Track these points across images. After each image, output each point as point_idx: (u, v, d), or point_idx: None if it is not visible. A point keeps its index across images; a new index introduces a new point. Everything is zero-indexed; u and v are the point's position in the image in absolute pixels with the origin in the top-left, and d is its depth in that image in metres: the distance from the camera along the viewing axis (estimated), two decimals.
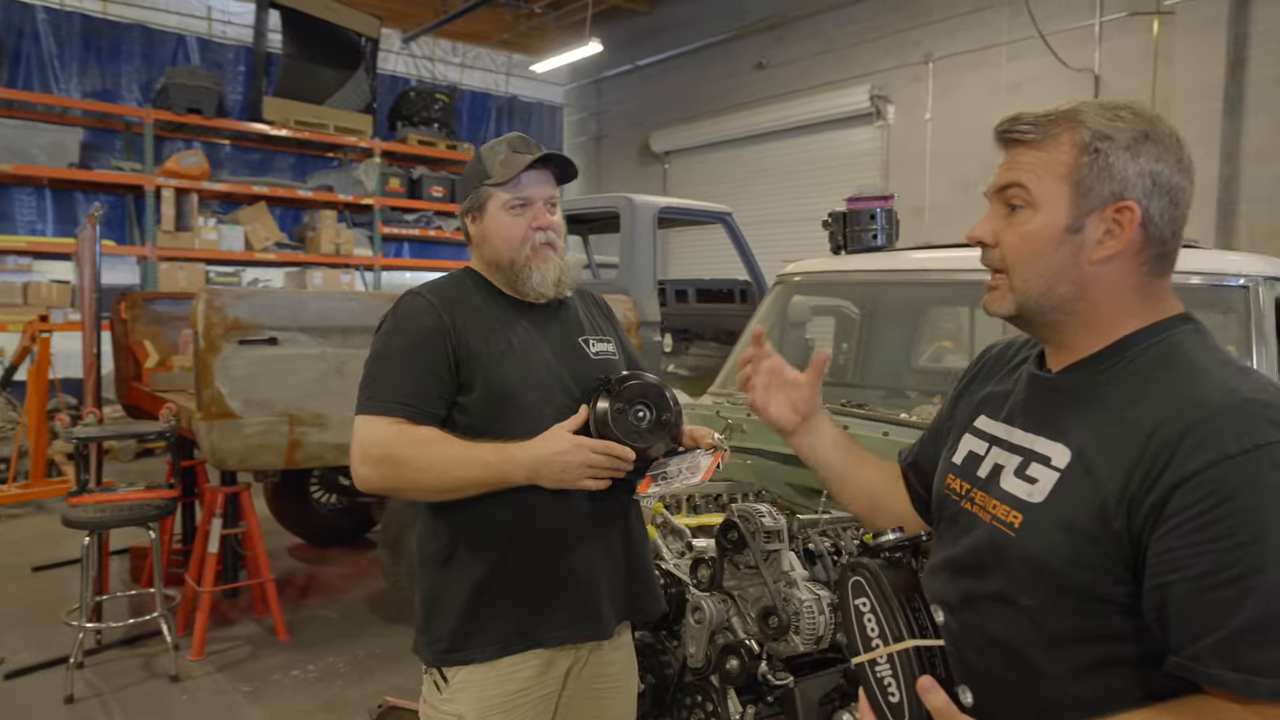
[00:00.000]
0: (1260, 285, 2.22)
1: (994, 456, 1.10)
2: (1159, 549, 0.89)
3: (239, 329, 3.41)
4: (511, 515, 1.58)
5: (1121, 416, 0.96)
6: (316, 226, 9.21)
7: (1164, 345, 1.00)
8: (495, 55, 11.46)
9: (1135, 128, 0.99)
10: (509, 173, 1.63)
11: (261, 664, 3.68)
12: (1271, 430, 0.87)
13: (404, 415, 1.54)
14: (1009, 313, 1.07)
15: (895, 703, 0.93)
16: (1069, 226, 1.01)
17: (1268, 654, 0.82)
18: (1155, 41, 6.70)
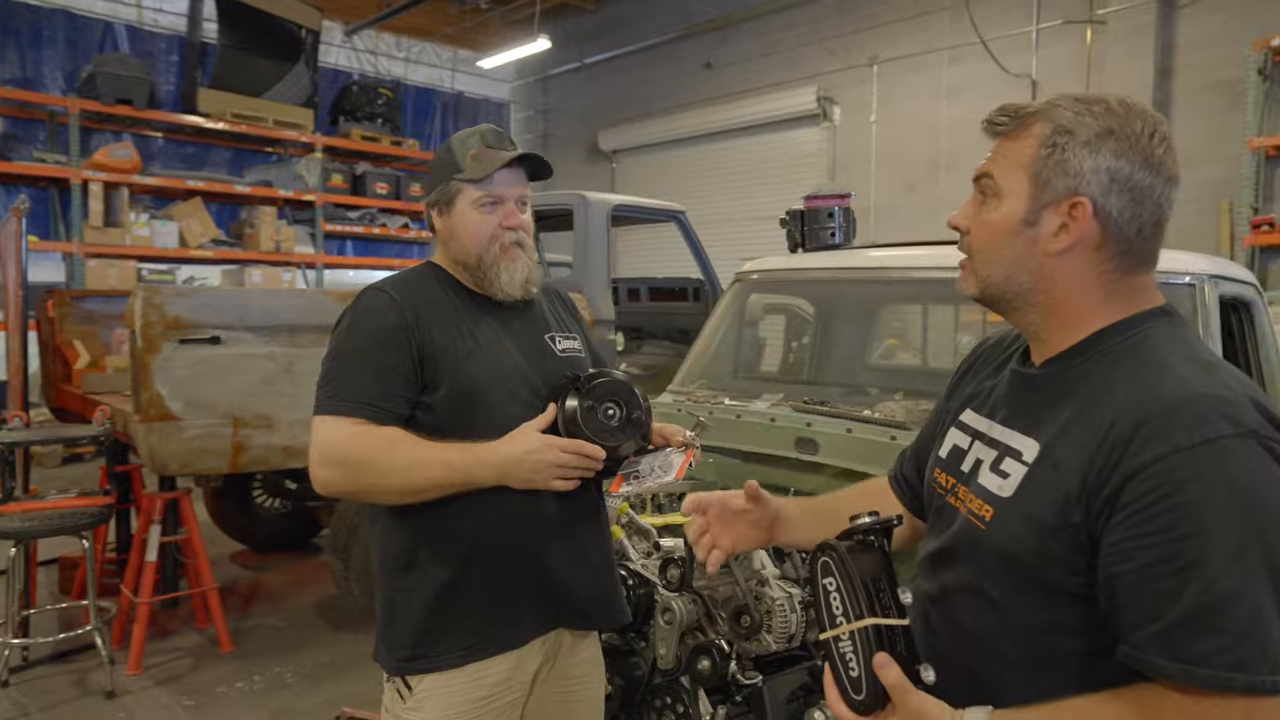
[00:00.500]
0: (1206, 284, 2.29)
1: (976, 451, 1.12)
2: (1110, 540, 0.90)
3: (179, 328, 3.27)
4: (477, 517, 1.53)
5: (1088, 412, 0.97)
6: (255, 223, 8.92)
7: (1136, 340, 1.01)
8: (440, 50, 11.28)
9: (1101, 123, 0.99)
10: (483, 170, 1.58)
11: (204, 676, 3.54)
12: (1223, 424, 0.87)
13: (366, 416, 1.48)
14: (973, 294, 1.10)
15: (855, 677, 0.96)
16: (1025, 219, 1.02)
17: (1205, 644, 0.84)
18: (1089, 49, 6.92)
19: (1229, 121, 6.16)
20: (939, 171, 7.80)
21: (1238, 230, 5.99)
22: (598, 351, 1.85)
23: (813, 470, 2.44)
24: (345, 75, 10.52)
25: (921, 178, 7.91)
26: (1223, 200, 6.18)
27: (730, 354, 3.39)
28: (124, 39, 9.11)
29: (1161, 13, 6.46)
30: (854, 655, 0.96)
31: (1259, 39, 5.79)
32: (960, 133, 7.67)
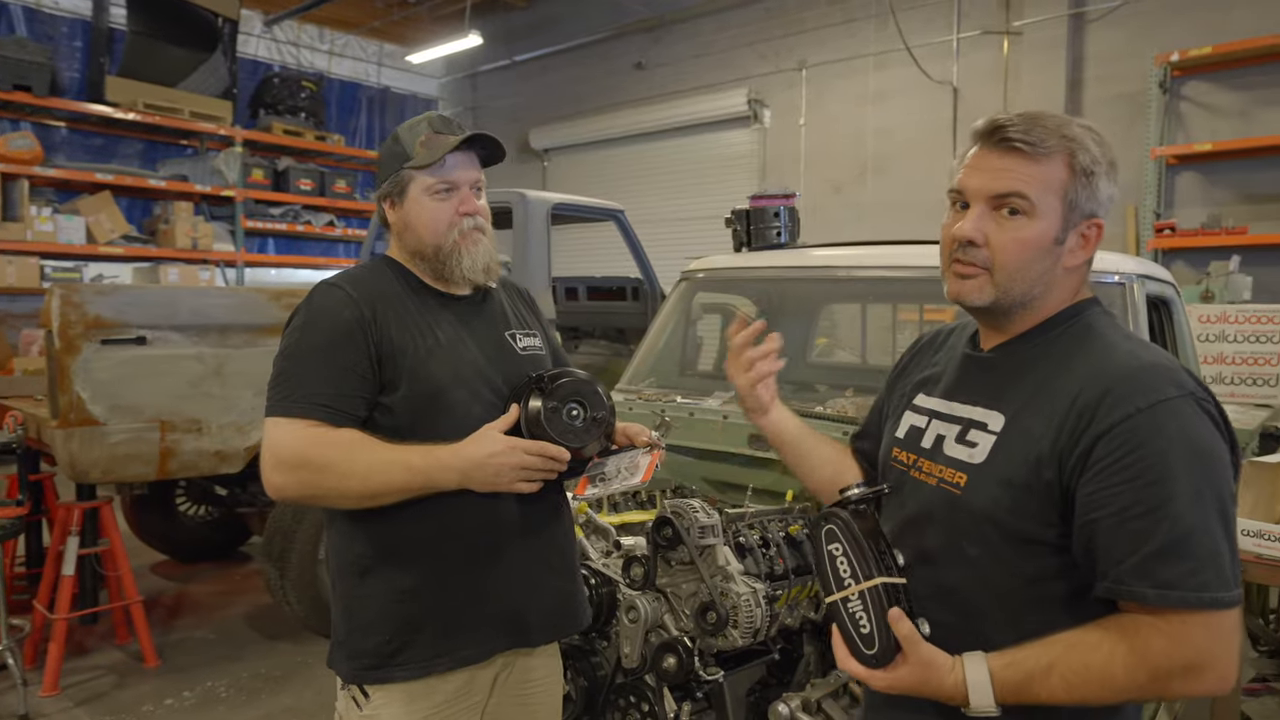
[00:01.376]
0: (1135, 283, 2.42)
1: (935, 428, 1.24)
2: (1085, 492, 1.04)
3: (101, 327, 3.11)
4: (438, 522, 1.49)
5: (1049, 385, 1.12)
6: (170, 219, 8.54)
7: (1081, 324, 1.16)
8: (366, 44, 10.99)
9: (1109, 155, 1.14)
10: (433, 155, 1.53)
11: (129, 694, 3.37)
12: (1171, 388, 1.05)
13: (322, 417, 1.42)
14: (987, 303, 1.16)
15: (866, 633, 1.05)
16: (1056, 238, 1.13)
17: (1177, 570, 0.99)
18: (1006, 59, 7.21)
19: (1133, 131, 6.50)
20: (866, 174, 8.01)
21: (1142, 234, 6.33)
22: (558, 349, 1.83)
23: (765, 466, 2.47)
24: (266, 67, 10.15)
25: (849, 180, 8.11)
26: (1129, 205, 6.53)
27: (677, 352, 3.41)
28: (21, 21, 8.58)
29: (1072, 26, 6.77)
30: (864, 613, 1.05)
31: (1160, 54, 6.13)
32: (887, 137, 7.89)
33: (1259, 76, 6.03)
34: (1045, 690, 1.02)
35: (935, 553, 1.16)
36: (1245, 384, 3.94)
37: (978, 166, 1.15)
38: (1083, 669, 1.01)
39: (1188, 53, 5.98)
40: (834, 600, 1.09)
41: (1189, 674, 1.00)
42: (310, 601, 3.65)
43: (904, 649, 1.03)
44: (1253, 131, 5.99)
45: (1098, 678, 1.01)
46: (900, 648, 1.03)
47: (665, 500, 2.05)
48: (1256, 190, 6.11)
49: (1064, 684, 1.02)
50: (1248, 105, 6.11)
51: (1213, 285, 5.37)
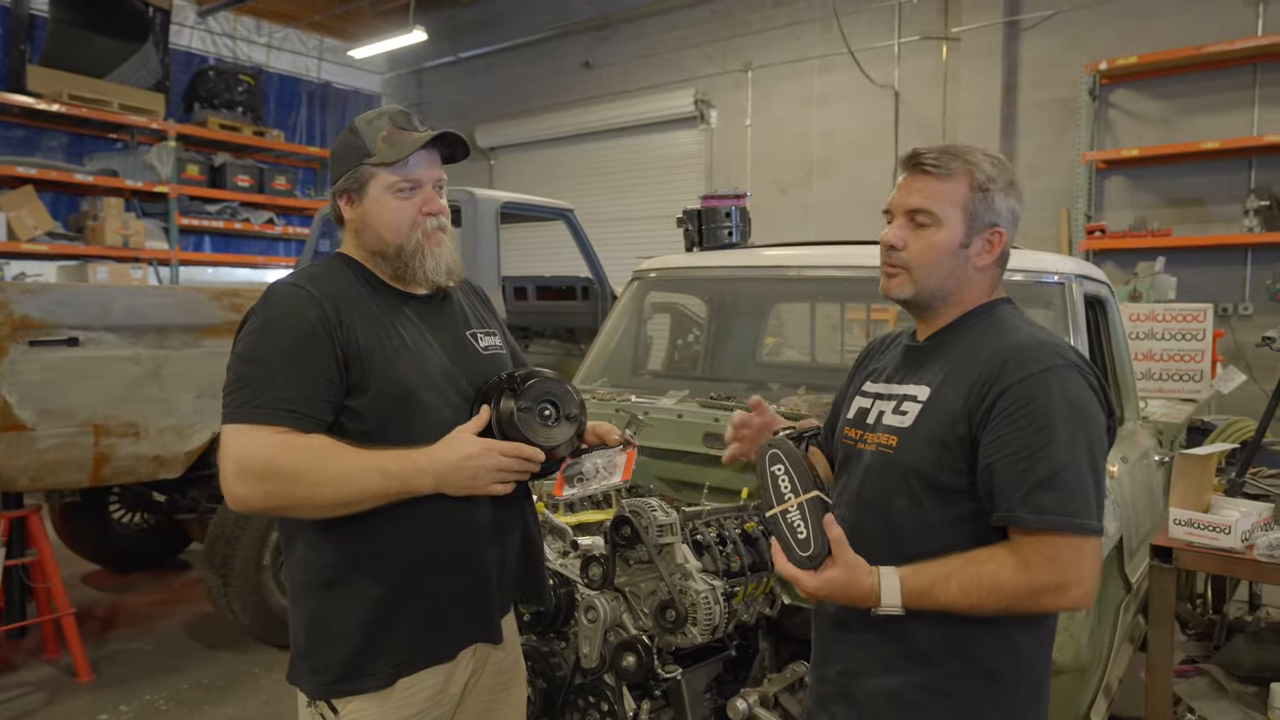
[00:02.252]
0: (1073, 282, 2.51)
1: (877, 407, 1.48)
2: (987, 440, 1.29)
3: (29, 328, 2.97)
4: (411, 527, 1.45)
5: (964, 360, 1.37)
6: (99, 215, 8.19)
7: (994, 317, 1.43)
8: (305, 38, 10.73)
9: (1006, 175, 1.41)
10: (399, 152, 1.48)
11: (60, 710, 3.24)
12: (1056, 358, 1.31)
13: (289, 423, 1.36)
14: (906, 296, 1.44)
15: (803, 538, 1.24)
16: (962, 243, 1.39)
17: (1051, 498, 1.23)
18: (945, 64, 7.40)
19: (1065, 136, 6.74)
20: (811, 175, 8.13)
21: (1075, 236, 6.56)
22: (515, 348, 1.81)
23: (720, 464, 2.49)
24: (200, 59, 9.84)
25: (795, 181, 8.22)
26: (1062, 209, 6.76)
27: (630, 351, 3.41)
28: None
29: (1007, 34, 6.98)
30: (801, 521, 1.25)
31: (1089, 63, 6.37)
32: (831, 139, 8.02)
33: (1181, 86, 6.30)
34: (944, 594, 1.24)
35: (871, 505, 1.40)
36: (1173, 380, 4.11)
37: (901, 188, 1.44)
38: (975, 577, 1.23)
39: (1115, 61, 6.21)
40: (775, 513, 1.26)
41: (1059, 590, 1.23)
42: (255, 609, 3.56)
43: (834, 551, 1.23)
44: (1175, 138, 6.26)
45: (988, 585, 1.23)
46: (831, 551, 1.23)
47: (623, 499, 2.05)
48: (1179, 194, 6.39)
49: (960, 589, 1.23)
50: (1170, 113, 6.38)
51: (1140, 285, 5.59)
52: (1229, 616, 2.94)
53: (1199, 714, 2.32)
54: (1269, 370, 5.98)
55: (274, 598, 3.63)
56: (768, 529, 1.28)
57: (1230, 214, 6.15)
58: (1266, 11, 5.97)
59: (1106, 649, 2.29)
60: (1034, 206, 7.06)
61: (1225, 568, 2.18)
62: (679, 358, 5.15)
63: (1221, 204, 6.22)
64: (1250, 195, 5.94)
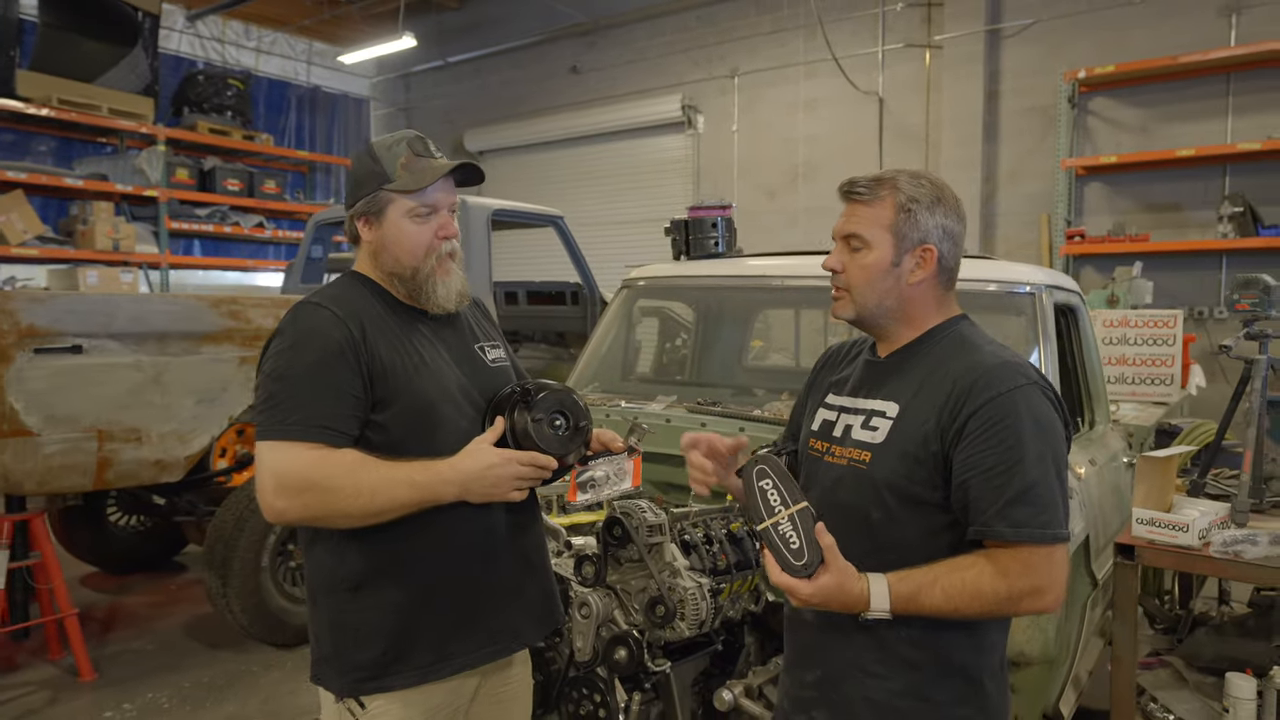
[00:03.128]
0: (1043, 293, 2.62)
1: (843, 420, 1.53)
2: (960, 458, 1.35)
3: (35, 336, 3.05)
4: (433, 534, 1.54)
5: (931, 379, 1.43)
6: (89, 219, 8.23)
7: (954, 334, 1.49)
8: (294, 42, 10.77)
9: (931, 194, 1.46)
10: (419, 181, 1.56)
11: (64, 709, 3.31)
12: (1021, 378, 1.38)
13: (323, 439, 1.44)
14: (850, 317, 1.51)
15: (795, 548, 1.28)
16: (892, 261, 1.46)
17: (1026, 512, 1.31)
18: (928, 71, 7.53)
19: (1046, 143, 6.89)
20: (798, 181, 8.25)
21: (1055, 240, 6.71)
22: (514, 359, 1.90)
23: None
24: (189, 63, 9.86)
25: (781, 186, 8.35)
26: (1042, 214, 6.90)
27: (620, 357, 3.51)
28: None
29: (989, 42, 7.13)
30: (793, 532, 1.29)
31: (1068, 71, 6.51)
32: (817, 144, 8.15)
33: (1156, 94, 6.46)
34: (929, 599, 1.30)
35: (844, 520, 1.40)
36: (1145, 384, 4.25)
37: (841, 215, 1.52)
38: (959, 582, 1.30)
39: (1093, 70, 6.36)
40: (766, 525, 1.29)
41: (1034, 595, 1.31)
42: (253, 610, 3.64)
43: (826, 559, 1.27)
44: (1152, 145, 6.42)
45: (970, 590, 1.30)
46: (824, 559, 1.27)
47: (614, 501, 2.15)
48: (1156, 200, 6.55)
49: (944, 594, 1.30)
50: (1147, 121, 6.54)
51: (1118, 290, 5.72)
52: (1194, 611, 3.07)
53: (1161, 703, 2.44)
54: None
55: (272, 598, 3.71)
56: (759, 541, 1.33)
57: (1206, 220, 6.30)
58: (1239, 23, 6.13)
59: (1074, 642, 2.41)
60: (1015, 211, 7.22)
61: (1183, 564, 2.30)
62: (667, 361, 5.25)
63: (1197, 210, 6.38)
64: (1225, 202, 6.10)
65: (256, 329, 3.63)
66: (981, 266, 2.68)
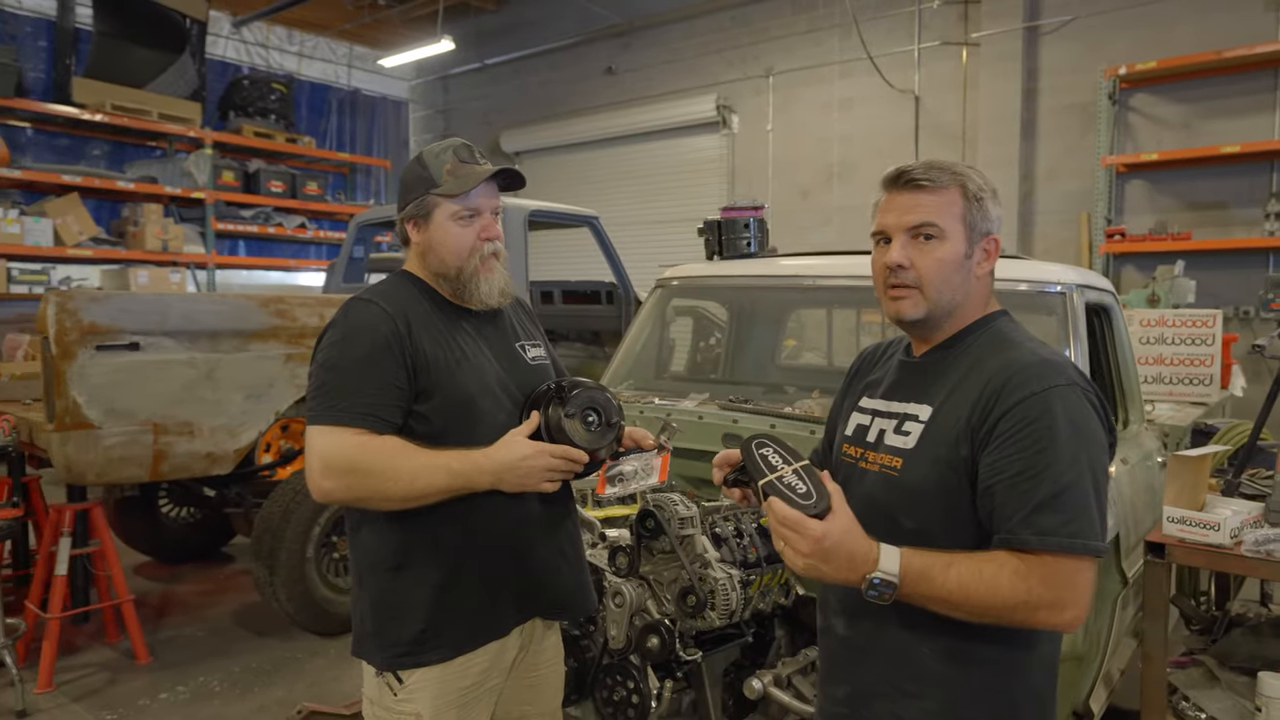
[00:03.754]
0: (1074, 292, 2.63)
1: (877, 424, 1.46)
2: (987, 461, 1.27)
3: (96, 333, 3.20)
4: (466, 520, 1.62)
5: (966, 379, 1.35)
6: (139, 221, 8.51)
7: (992, 330, 1.42)
8: (335, 46, 11.00)
9: (989, 184, 1.41)
10: (463, 185, 1.65)
11: (123, 689, 3.46)
12: (1059, 378, 1.29)
13: (368, 426, 1.54)
14: (921, 315, 1.40)
15: (803, 491, 1.23)
16: (965, 254, 1.39)
17: (1054, 519, 1.21)
18: (964, 69, 7.49)
19: (1085, 141, 6.81)
20: (832, 180, 8.25)
21: (1095, 239, 6.63)
22: (554, 356, 1.98)
23: None
24: (234, 68, 10.14)
25: (815, 185, 8.35)
26: (1082, 212, 6.83)
27: (653, 355, 3.58)
28: None
29: (1026, 39, 7.06)
30: (798, 480, 1.24)
31: (1109, 68, 6.43)
32: (852, 144, 8.14)
33: (1200, 90, 6.35)
34: (941, 580, 1.20)
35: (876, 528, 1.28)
36: (1182, 384, 4.21)
37: (891, 207, 1.40)
38: (977, 571, 1.21)
39: (1134, 66, 6.28)
40: (769, 479, 1.24)
41: (1054, 608, 1.21)
42: (299, 598, 3.77)
43: (834, 505, 1.20)
44: (1195, 142, 6.32)
45: (987, 584, 1.20)
46: (832, 506, 1.20)
47: (647, 495, 2.22)
48: (1199, 198, 6.44)
49: (958, 580, 1.20)
50: (1190, 117, 6.43)
51: (1159, 289, 5.65)
52: (1231, 612, 3.05)
53: (1193, 701, 2.44)
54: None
55: (316, 588, 3.83)
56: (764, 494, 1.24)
57: (1251, 217, 6.19)
58: None
59: (1104, 639, 2.42)
60: (1054, 210, 7.15)
61: (1214, 563, 2.30)
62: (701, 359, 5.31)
63: (1242, 207, 6.27)
64: (1271, 199, 5.99)
65: (302, 327, 3.75)
66: (1012, 266, 2.69)
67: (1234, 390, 4.63)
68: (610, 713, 2.17)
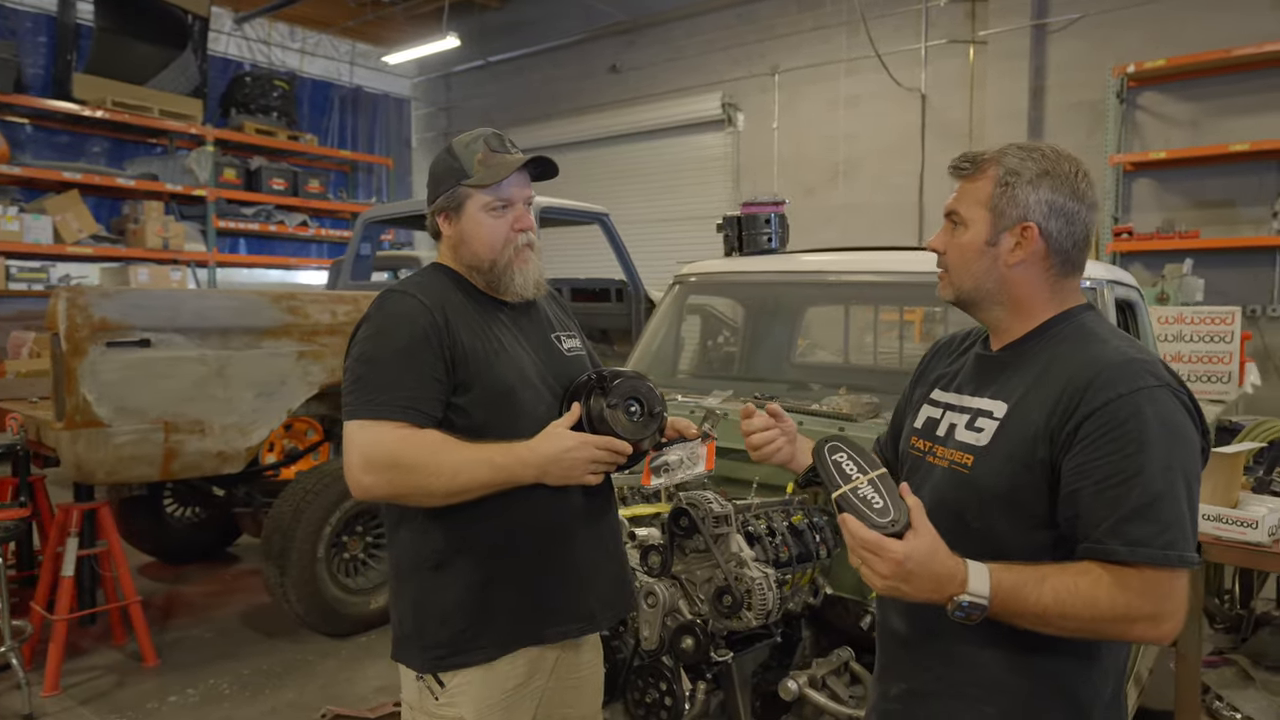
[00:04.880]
0: (1104, 287, 2.60)
1: (948, 418, 1.40)
2: (1071, 465, 1.19)
3: (107, 330, 3.14)
4: (511, 516, 1.58)
5: (1045, 376, 1.28)
6: (140, 218, 8.44)
7: (1075, 325, 1.33)
8: (338, 43, 10.95)
9: (1039, 166, 1.31)
10: (495, 175, 1.61)
11: (131, 692, 3.41)
12: (1150, 378, 1.21)
13: (409, 419, 1.50)
14: (949, 298, 1.41)
15: (880, 507, 1.16)
16: (988, 240, 1.34)
17: (1146, 530, 1.14)
18: (971, 67, 7.46)
19: (1093, 139, 6.78)
20: (838, 177, 8.21)
21: (1102, 237, 6.60)
22: (589, 347, 1.94)
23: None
24: (236, 65, 10.08)
25: (821, 183, 8.31)
26: None
27: (672, 351, 3.54)
28: None
29: (1034, 37, 7.04)
30: (874, 494, 1.17)
31: (1117, 66, 6.41)
32: (858, 142, 8.10)
33: (1208, 88, 6.34)
34: (1035, 596, 1.14)
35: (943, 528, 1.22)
36: (1201, 381, 4.19)
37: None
38: (1072, 585, 1.14)
39: (1143, 64, 6.26)
40: (844, 490, 1.18)
41: (1152, 621, 1.15)
42: (310, 599, 3.72)
43: (913, 521, 1.14)
44: (1202, 141, 6.30)
45: (1085, 597, 1.14)
46: (911, 522, 1.14)
47: (681, 493, 2.17)
48: (1206, 196, 6.42)
49: (1054, 595, 1.14)
50: (1198, 115, 6.42)
51: (1167, 287, 5.63)
52: (1256, 611, 3.02)
53: (1227, 701, 2.41)
54: None
55: (327, 589, 3.78)
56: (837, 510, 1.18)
57: (1259, 216, 6.18)
58: None
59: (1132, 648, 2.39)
60: None
61: (1252, 560, 2.27)
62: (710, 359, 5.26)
63: (1250, 206, 6.25)
64: (1279, 197, 5.97)
65: (314, 324, 3.70)
66: None
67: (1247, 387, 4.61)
68: (642, 715, 2.13)
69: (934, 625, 1.31)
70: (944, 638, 1.30)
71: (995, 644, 1.26)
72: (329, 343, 3.73)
